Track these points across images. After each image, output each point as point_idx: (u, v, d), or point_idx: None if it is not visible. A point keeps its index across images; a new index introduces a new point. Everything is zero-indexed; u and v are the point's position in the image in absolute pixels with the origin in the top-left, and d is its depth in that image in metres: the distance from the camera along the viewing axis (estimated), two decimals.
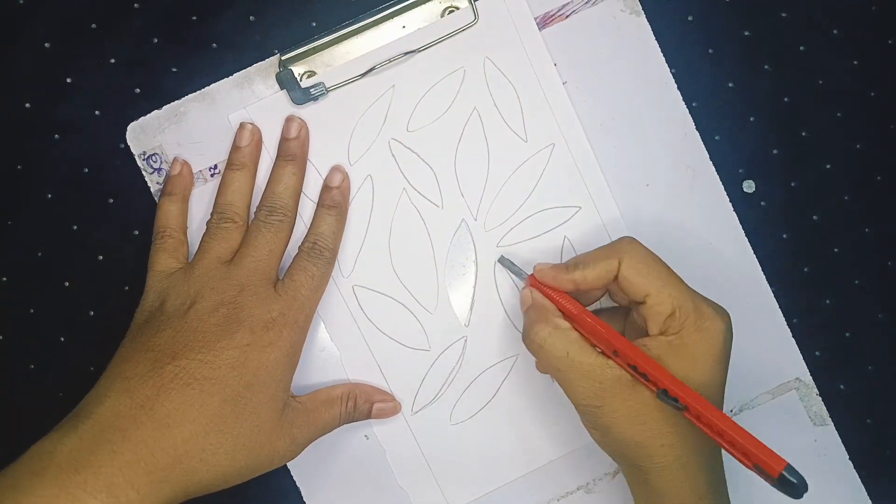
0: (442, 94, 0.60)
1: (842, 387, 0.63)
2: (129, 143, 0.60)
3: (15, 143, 0.61)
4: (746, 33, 0.61)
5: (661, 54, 0.60)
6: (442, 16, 0.59)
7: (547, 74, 0.60)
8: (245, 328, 0.54)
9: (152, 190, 0.60)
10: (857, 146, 0.62)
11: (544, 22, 0.60)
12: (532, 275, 0.57)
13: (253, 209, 0.59)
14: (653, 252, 0.54)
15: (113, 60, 0.60)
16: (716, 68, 0.61)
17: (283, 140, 0.60)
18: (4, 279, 0.61)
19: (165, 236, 0.58)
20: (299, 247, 0.59)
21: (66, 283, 0.61)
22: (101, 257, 0.61)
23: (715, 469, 0.54)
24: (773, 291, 0.62)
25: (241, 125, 0.60)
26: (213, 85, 0.60)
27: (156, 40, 0.60)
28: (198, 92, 0.60)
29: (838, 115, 0.62)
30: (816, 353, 0.62)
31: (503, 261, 0.61)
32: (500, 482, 0.62)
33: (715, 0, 0.61)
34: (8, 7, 0.60)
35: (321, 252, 0.58)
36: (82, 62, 0.60)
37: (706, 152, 0.61)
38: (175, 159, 0.60)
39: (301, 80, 0.59)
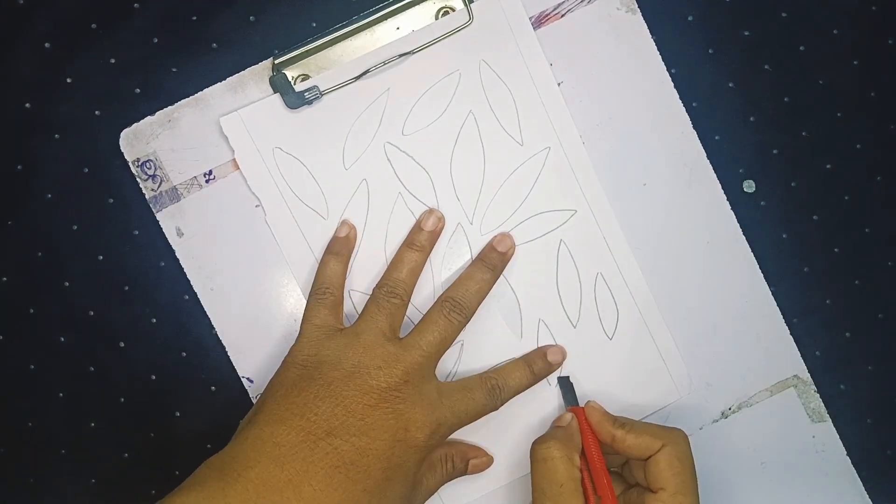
0: (437, 96, 0.60)
1: (842, 387, 0.63)
2: (122, 150, 0.60)
3: (15, 143, 0.61)
4: (746, 33, 0.61)
5: (658, 52, 0.60)
6: (436, 17, 0.59)
7: (542, 76, 0.60)
8: (401, 424, 0.53)
9: (147, 197, 0.60)
10: (857, 146, 0.62)
11: (539, 21, 0.60)
12: (583, 407, 0.58)
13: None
14: (693, 461, 0.54)
15: (113, 60, 0.60)
16: (716, 68, 0.61)
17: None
18: (4, 279, 0.61)
19: (327, 293, 0.58)
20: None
21: (66, 283, 0.61)
22: (101, 257, 0.61)
23: None
24: (773, 291, 0.62)
25: (430, 211, 0.60)
26: (206, 90, 0.59)
27: (156, 40, 0.60)
28: (191, 97, 0.59)
29: (838, 115, 0.61)
30: (816, 352, 0.62)
31: (564, 382, 0.61)
32: (496, 485, 0.62)
33: (715, 0, 0.61)
34: (8, 7, 0.60)
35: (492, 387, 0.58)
36: (82, 62, 0.60)
37: (703, 150, 0.61)
38: (344, 222, 0.60)
39: (295, 84, 0.59)
